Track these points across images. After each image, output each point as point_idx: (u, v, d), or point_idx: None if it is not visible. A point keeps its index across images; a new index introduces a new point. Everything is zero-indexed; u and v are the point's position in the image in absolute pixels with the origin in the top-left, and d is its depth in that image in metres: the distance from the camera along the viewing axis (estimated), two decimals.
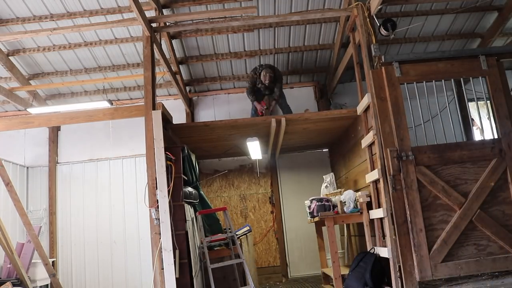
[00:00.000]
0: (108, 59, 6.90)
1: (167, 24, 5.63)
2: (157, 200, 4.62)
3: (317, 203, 5.65)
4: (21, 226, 6.19)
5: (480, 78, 4.72)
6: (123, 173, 7.41)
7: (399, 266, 4.31)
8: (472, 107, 6.72)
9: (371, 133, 4.88)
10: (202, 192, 5.95)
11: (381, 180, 4.57)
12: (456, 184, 4.37)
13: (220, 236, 5.47)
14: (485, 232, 4.25)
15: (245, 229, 6.02)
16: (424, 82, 4.71)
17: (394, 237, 4.39)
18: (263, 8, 6.08)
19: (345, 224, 6.62)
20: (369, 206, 5.18)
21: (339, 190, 6.04)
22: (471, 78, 4.78)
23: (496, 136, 4.52)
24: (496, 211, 4.30)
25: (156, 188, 4.67)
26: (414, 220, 4.28)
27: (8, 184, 5.74)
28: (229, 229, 5.33)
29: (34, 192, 7.40)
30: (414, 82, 4.72)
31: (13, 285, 5.41)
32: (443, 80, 4.71)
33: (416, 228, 4.27)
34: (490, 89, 4.62)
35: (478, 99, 4.78)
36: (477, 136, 7.08)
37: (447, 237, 4.25)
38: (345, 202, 5.45)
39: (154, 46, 5.31)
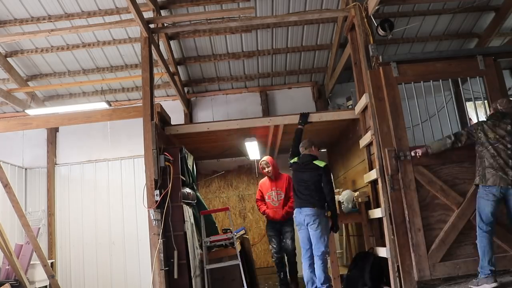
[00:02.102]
0: (106, 60, 6.90)
1: (165, 25, 5.64)
2: (156, 201, 4.63)
3: None
4: (20, 227, 6.18)
5: (477, 78, 4.74)
6: (121, 174, 7.41)
7: (398, 266, 4.32)
8: (469, 106, 6.72)
9: (369, 133, 4.89)
10: (198, 194, 5.95)
11: (379, 180, 4.58)
12: (454, 184, 4.38)
13: (223, 236, 5.48)
14: None
15: (241, 232, 6.07)
16: (422, 82, 4.72)
17: (392, 237, 4.40)
18: (260, 8, 6.09)
19: (343, 224, 6.62)
20: (368, 206, 5.19)
21: (337, 190, 6.04)
22: (468, 78, 4.80)
23: None
24: None
25: (155, 189, 4.68)
26: (413, 220, 4.29)
27: (6, 185, 5.74)
28: (229, 229, 5.35)
29: (32, 193, 7.39)
30: (412, 82, 4.73)
31: (12, 286, 5.41)
32: (440, 80, 4.73)
33: (415, 228, 4.28)
34: (488, 89, 4.64)
35: (476, 98, 4.79)
36: None
37: (445, 237, 4.26)
38: (343, 202, 5.46)
39: (152, 47, 5.31)
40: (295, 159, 4.94)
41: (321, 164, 4.69)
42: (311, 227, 4.51)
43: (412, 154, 4.36)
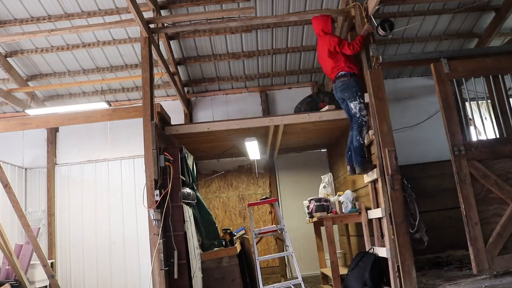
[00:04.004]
0: (106, 60, 6.90)
1: (165, 25, 5.64)
2: (156, 201, 4.63)
3: (315, 203, 5.66)
4: (20, 227, 6.17)
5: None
6: (121, 174, 7.41)
7: (398, 266, 4.32)
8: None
9: (369, 133, 4.89)
10: (198, 194, 5.95)
11: (379, 180, 4.58)
12: (507, 178, 4.37)
13: (272, 227, 5.62)
14: None
15: (241, 232, 6.09)
16: (472, 78, 4.76)
17: (392, 237, 4.40)
18: (260, 8, 6.09)
19: (343, 224, 6.63)
20: (368, 206, 5.19)
21: (337, 194, 6.01)
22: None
23: None
24: None
25: (155, 189, 4.68)
26: (469, 214, 4.28)
27: (6, 185, 5.74)
28: (229, 229, 5.38)
29: (32, 193, 7.38)
30: (463, 78, 4.76)
31: (12, 286, 5.41)
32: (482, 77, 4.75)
33: (472, 222, 4.27)
34: None
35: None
36: None
37: (502, 230, 4.26)
38: (343, 202, 5.47)
39: (152, 47, 5.31)
40: None
41: None
42: None
43: None
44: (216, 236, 5.77)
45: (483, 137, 4.84)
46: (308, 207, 5.90)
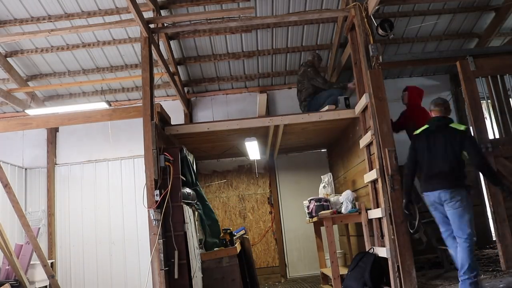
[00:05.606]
0: (106, 60, 6.90)
1: (165, 25, 5.64)
2: (156, 201, 4.63)
3: (315, 203, 5.66)
4: (20, 227, 6.18)
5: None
6: (121, 174, 7.41)
7: (398, 266, 4.32)
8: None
9: (369, 133, 4.89)
10: (202, 192, 5.94)
11: (379, 180, 4.58)
12: None
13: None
14: None
15: (241, 232, 6.09)
16: (498, 76, 4.78)
17: (392, 237, 4.40)
18: (260, 8, 6.09)
19: (343, 224, 6.63)
20: (368, 206, 5.19)
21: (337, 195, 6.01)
22: None
23: None
24: None
25: (155, 189, 4.68)
26: (497, 211, 4.31)
27: (6, 185, 5.74)
28: (229, 229, 5.38)
29: (32, 193, 7.38)
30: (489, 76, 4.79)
31: (12, 286, 5.41)
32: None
33: (500, 218, 4.30)
34: None
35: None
36: None
37: None
38: (343, 202, 5.47)
39: (152, 47, 5.31)
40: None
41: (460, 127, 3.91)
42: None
43: None
44: (219, 234, 5.78)
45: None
46: (308, 207, 5.90)
